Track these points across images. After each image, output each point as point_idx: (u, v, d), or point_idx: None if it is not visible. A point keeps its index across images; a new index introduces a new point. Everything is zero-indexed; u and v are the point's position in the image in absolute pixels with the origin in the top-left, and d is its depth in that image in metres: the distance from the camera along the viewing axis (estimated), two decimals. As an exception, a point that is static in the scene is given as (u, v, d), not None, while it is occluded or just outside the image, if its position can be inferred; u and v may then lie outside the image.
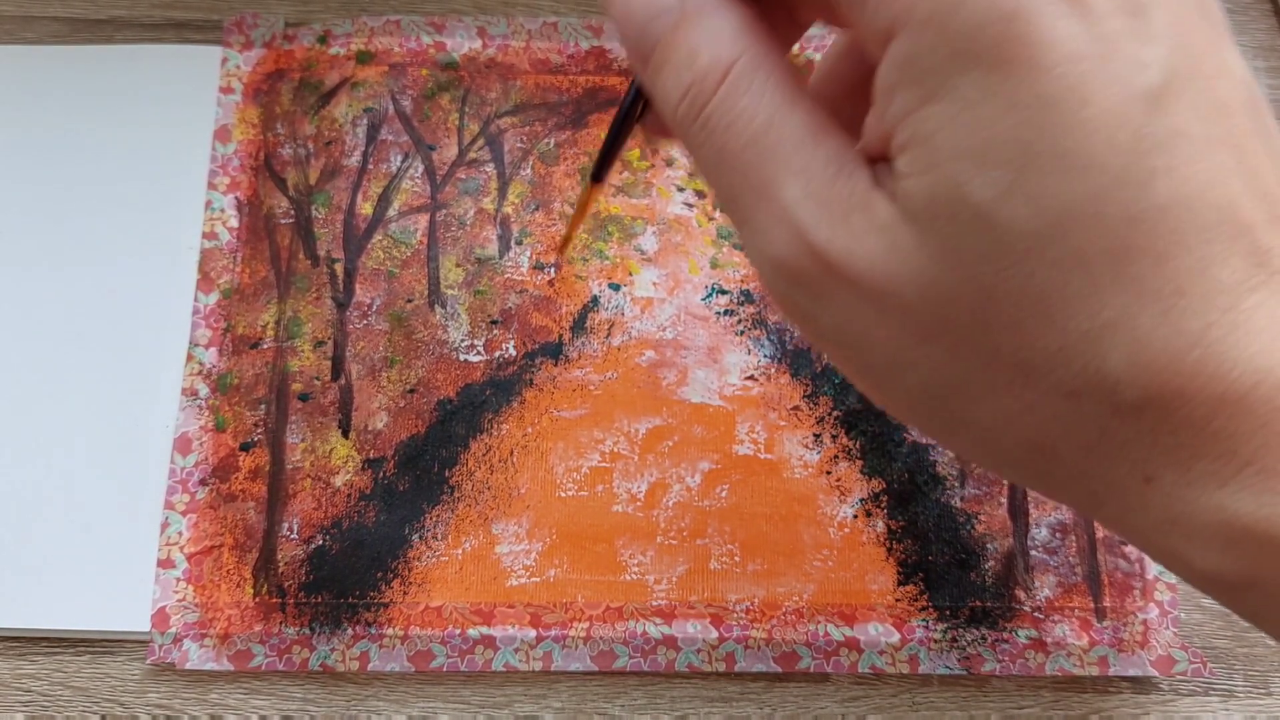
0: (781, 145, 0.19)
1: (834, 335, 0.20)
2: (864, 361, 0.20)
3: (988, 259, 0.18)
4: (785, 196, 0.19)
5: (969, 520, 0.36)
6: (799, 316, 0.21)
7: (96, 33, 0.43)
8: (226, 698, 0.35)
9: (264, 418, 0.37)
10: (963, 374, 0.19)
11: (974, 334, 0.18)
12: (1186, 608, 0.36)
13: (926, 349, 0.19)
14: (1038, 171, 0.17)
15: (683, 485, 0.37)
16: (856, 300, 0.19)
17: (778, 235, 0.19)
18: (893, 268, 0.18)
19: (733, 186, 0.20)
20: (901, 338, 0.19)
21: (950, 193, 0.17)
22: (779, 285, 0.20)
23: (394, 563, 0.36)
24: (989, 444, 0.20)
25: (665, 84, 0.21)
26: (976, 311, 0.18)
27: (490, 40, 0.42)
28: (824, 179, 0.19)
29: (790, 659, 0.35)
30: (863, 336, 0.20)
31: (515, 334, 0.39)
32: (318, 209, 0.40)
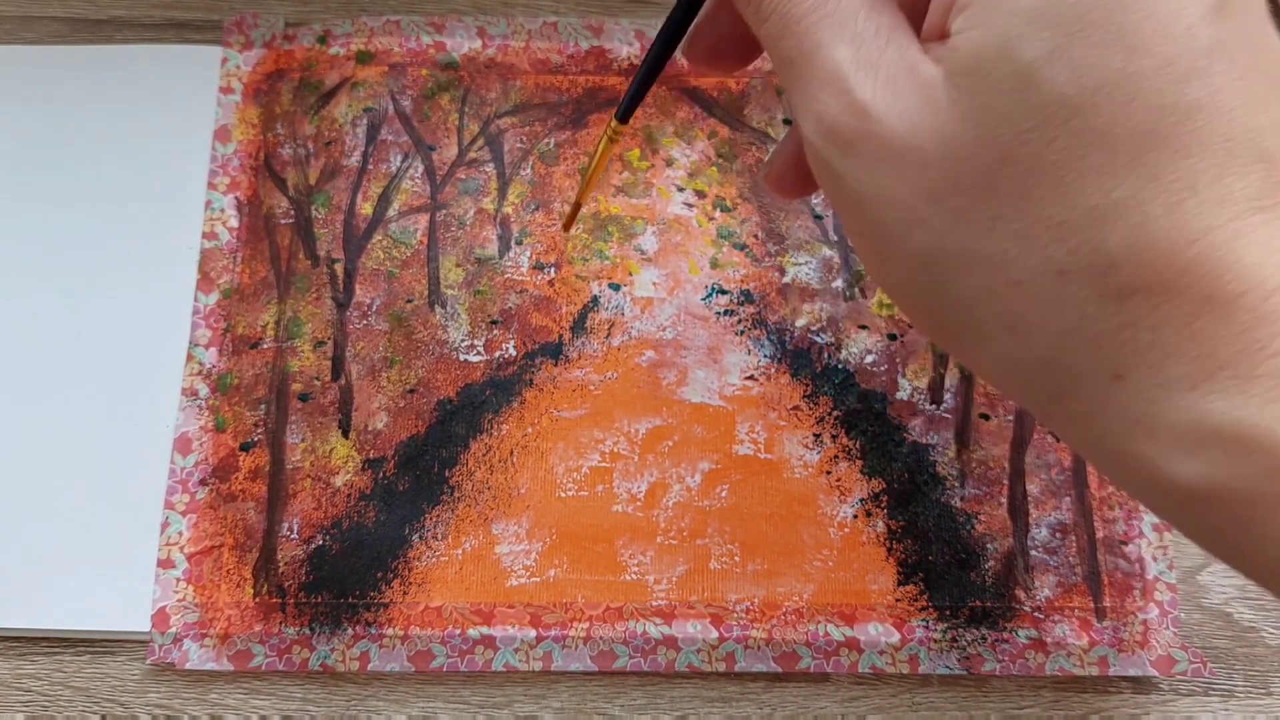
0: (839, 13, 0.21)
1: (855, 195, 0.21)
2: (875, 219, 0.21)
3: (1015, 119, 0.18)
4: (836, 56, 0.20)
5: (969, 520, 0.36)
6: (830, 178, 0.21)
7: (96, 33, 0.43)
8: (226, 698, 0.35)
9: (264, 418, 0.37)
10: (961, 239, 0.19)
11: (982, 196, 0.19)
12: (1186, 608, 0.36)
13: (934, 208, 0.19)
14: (1086, 41, 0.17)
15: (683, 485, 0.37)
16: (883, 156, 0.20)
17: (825, 93, 0.20)
18: (922, 123, 0.19)
19: (791, 50, 0.21)
20: (914, 194, 0.20)
21: (997, 48, 0.18)
22: (818, 142, 0.21)
23: (394, 563, 0.36)
24: (968, 319, 0.20)
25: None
26: (990, 173, 0.19)
27: (490, 40, 0.42)
28: (875, 45, 0.20)
29: (790, 659, 0.35)
30: (880, 194, 0.20)
31: (515, 334, 0.39)
32: (318, 209, 0.40)
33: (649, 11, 0.43)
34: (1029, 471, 0.37)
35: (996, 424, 0.37)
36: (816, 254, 0.40)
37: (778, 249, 0.40)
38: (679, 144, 0.41)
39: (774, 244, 0.40)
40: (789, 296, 0.39)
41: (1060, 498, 0.37)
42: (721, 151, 0.41)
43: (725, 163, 0.41)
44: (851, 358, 0.38)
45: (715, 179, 0.41)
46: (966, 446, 0.37)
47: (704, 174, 0.41)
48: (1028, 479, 0.37)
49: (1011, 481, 0.37)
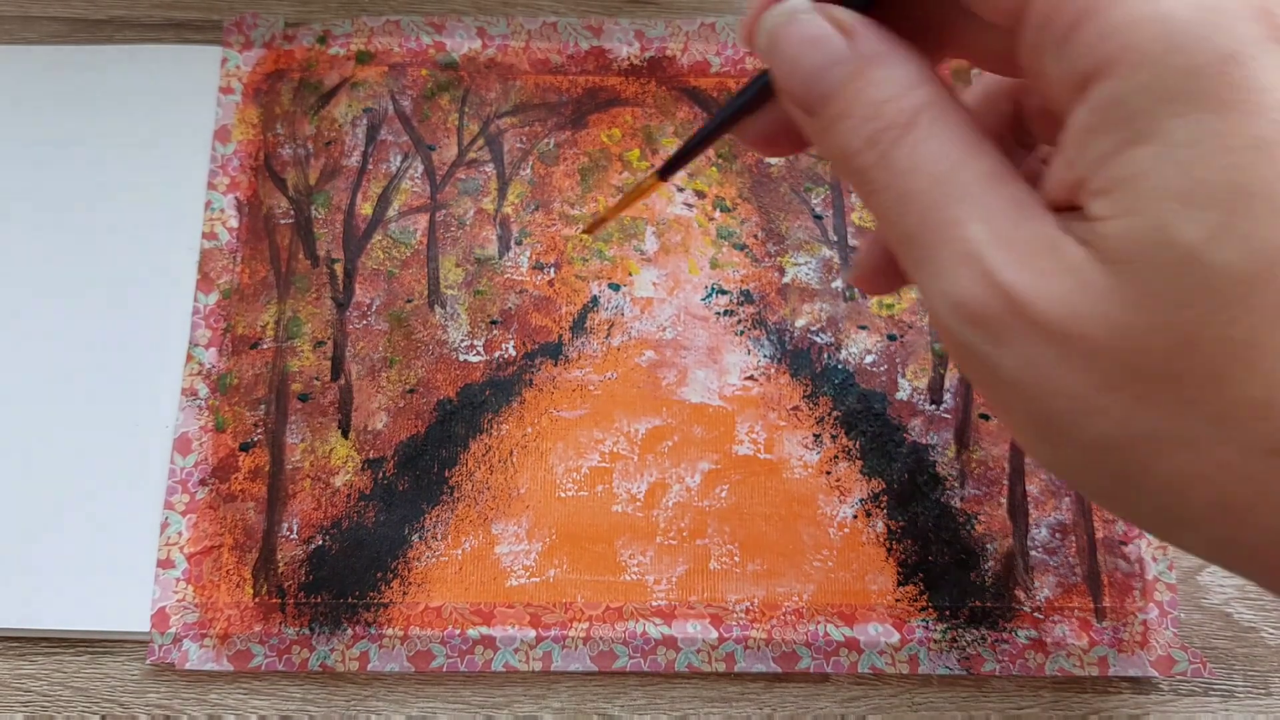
0: (967, 187, 0.19)
1: (1013, 382, 0.19)
2: (1042, 411, 0.19)
3: (1190, 303, 0.17)
4: (970, 235, 0.19)
5: (969, 520, 0.36)
6: (976, 364, 0.20)
7: (96, 33, 0.43)
8: (226, 698, 0.35)
9: (264, 418, 0.37)
10: (1152, 425, 0.18)
11: (1169, 382, 0.18)
12: (1186, 608, 0.36)
13: (1113, 396, 0.18)
14: (1250, 214, 0.16)
15: (682, 485, 0.37)
16: (1041, 343, 0.18)
17: (961, 275, 0.19)
18: (1083, 308, 0.18)
19: (912, 228, 0.20)
20: (1087, 384, 0.18)
21: (1155, 234, 0.17)
22: (958, 327, 0.20)
23: (394, 563, 0.36)
24: (1172, 505, 0.19)
25: (846, 131, 0.20)
26: (1173, 359, 0.17)
27: (490, 40, 0.42)
28: (1010, 221, 0.19)
29: (790, 659, 0.35)
30: (1044, 383, 0.19)
31: (515, 334, 0.39)
32: (317, 209, 0.40)
33: (648, 12, 0.43)
34: (1029, 472, 0.37)
35: (996, 424, 0.37)
36: (816, 254, 0.40)
37: (777, 249, 0.40)
38: (679, 144, 0.41)
39: (774, 244, 0.40)
40: (789, 297, 0.39)
41: (1060, 498, 0.37)
42: (721, 152, 0.41)
43: (725, 163, 0.41)
44: (851, 358, 0.38)
45: (715, 179, 0.41)
46: (966, 447, 0.37)
47: (704, 174, 0.41)
48: (1028, 479, 0.37)
49: (1011, 482, 0.37)
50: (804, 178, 0.40)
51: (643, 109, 0.41)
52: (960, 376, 0.38)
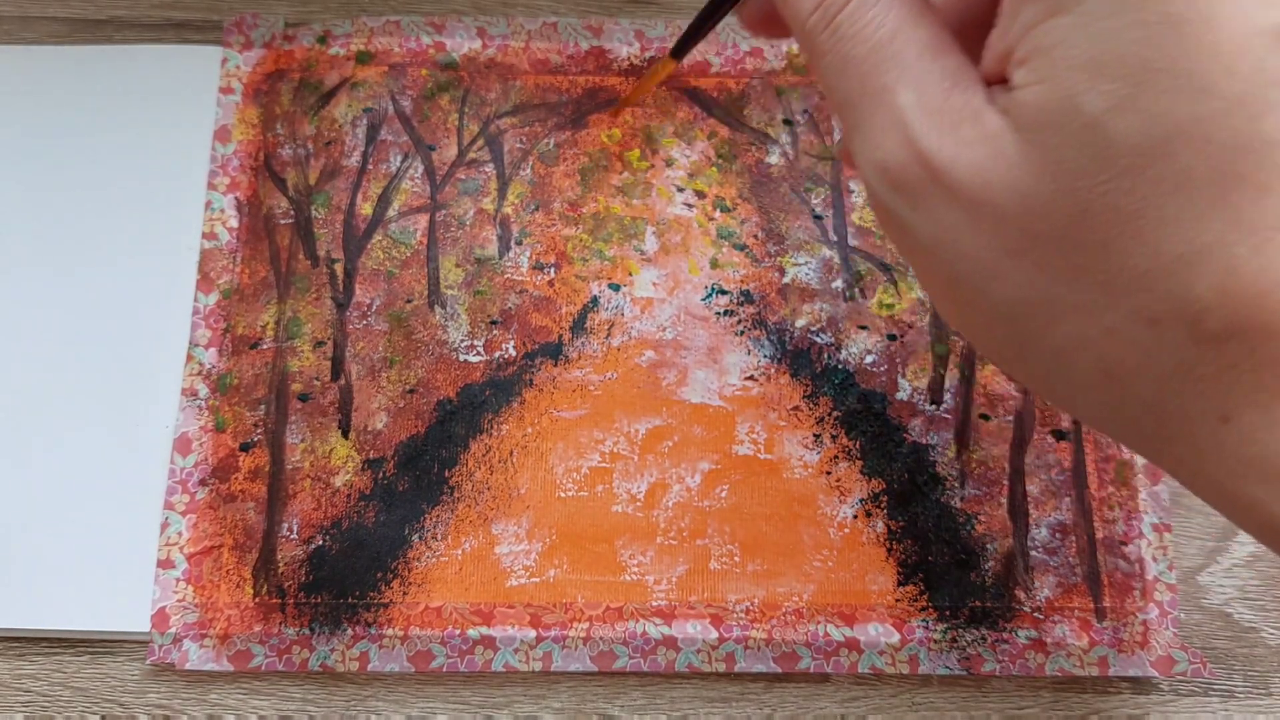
0: (903, 55, 0.20)
1: (927, 245, 0.20)
2: (951, 274, 0.20)
3: (1089, 172, 0.18)
4: (900, 103, 0.20)
5: (969, 520, 0.36)
6: (895, 226, 0.21)
7: (96, 33, 0.43)
8: (226, 698, 0.35)
9: (264, 418, 0.37)
10: (1045, 290, 0.19)
11: (1063, 249, 0.18)
12: (1186, 608, 0.36)
13: (1014, 261, 0.19)
14: (1154, 88, 0.17)
15: (682, 485, 0.37)
16: (954, 208, 0.19)
17: (888, 139, 0.20)
18: (994, 176, 0.19)
19: (850, 92, 0.21)
20: (992, 248, 0.19)
21: (1063, 102, 0.18)
22: (882, 190, 0.21)
23: (394, 563, 0.36)
24: (1061, 368, 0.20)
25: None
26: (1069, 226, 0.18)
27: (490, 40, 0.42)
28: (939, 90, 0.20)
29: (790, 659, 0.35)
30: (954, 245, 0.20)
31: (515, 334, 0.39)
32: (317, 209, 0.40)
33: (648, 12, 0.43)
34: (1029, 472, 0.37)
35: (996, 424, 0.37)
36: (816, 254, 0.40)
37: (777, 249, 0.40)
38: (679, 144, 0.41)
39: (774, 244, 0.40)
40: (789, 297, 0.39)
41: (1060, 498, 0.37)
42: (721, 152, 0.41)
43: (725, 163, 0.41)
44: (851, 358, 0.38)
45: (715, 179, 0.41)
46: (966, 447, 0.37)
47: (704, 174, 0.41)
48: (1028, 479, 0.37)
49: (1011, 482, 0.37)
50: (804, 178, 0.40)
51: (643, 109, 0.41)
52: (961, 377, 0.38)
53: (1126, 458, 0.37)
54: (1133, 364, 0.19)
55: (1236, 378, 0.18)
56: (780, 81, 0.42)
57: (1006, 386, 0.38)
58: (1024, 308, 0.20)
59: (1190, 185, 0.17)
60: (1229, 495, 0.19)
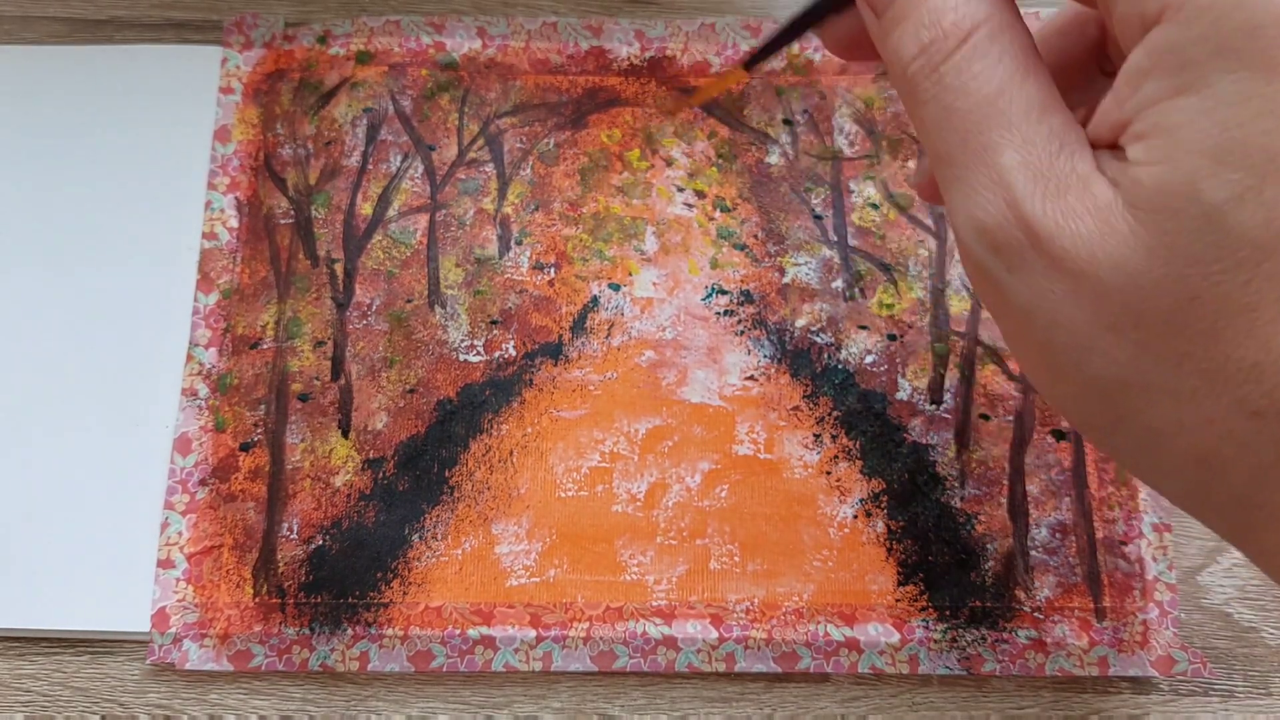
0: (1009, 112, 0.19)
1: (1022, 310, 0.20)
2: (1046, 342, 0.20)
3: (1204, 260, 0.17)
4: (1003, 162, 0.19)
5: (969, 520, 0.36)
6: (990, 286, 0.21)
7: (96, 33, 0.43)
8: (226, 698, 0.35)
9: (264, 418, 0.37)
10: (1145, 372, 0.19)
11: (1168, 333, 0.18)
12: (1186, 608, 0.36)
13: (1115, 338, 0.19)
14: (1278, 181, 0.17)
15: (682, 485, 0.37)
16: (1054, 277, 0.19)
17: (989, 199, 0.20)
18: (1101, 250, 0.18)
19: (951, 146, 0.20)
20: (1092, 322, 0.19)
21: (1184, 187, 0.17)
22: (978, 250, 0.20)
23: (394, 563, 0.36)
24: (1153, 450, 0.20)
25: (902, 36, 0.21)
26: (1177, 311, 0.18)
27: (490, 40, 0.42)
28: (1046, 152, 0.19)
29: (790, 659, 0.35)
30: (1052, 314, 0.19)
31: (515, 334, 0.39)
32: (317, 209, 0.40)
33: (648, 12, 0.43)
34: (1029, 471, 0.37)
35: (996, 424, 0.37)
36: (816, 254, 0.40)
37: (778, 249, 0.40)
38: (679, 144, 0.41)
39: (774, 244, 0.40)
40: (789, 297, 0.39)
41: (1060, 498, 0.37)
42: (721, 152, 0.41)
43: (725, 163, 0.41)
44: (851, 358, 0.38)
45: (715, 179, 0.41)
46: (966, 447, 0.37)
47: (704, 174, 0.41)
48: (1028, 479, 0.37)
49: (1011, 482, 0.37)
50: (804, 178, 0.40)
51: (643, 109, 0.41)
52: (961, 377, 0.38)
53: (1126, 458, 0.37)
54: (1229, 454, 0.19)
55: None
56: (780, 81, 0.42)
57: (1006, 386, 0.38)
58: (1120, 386, 0.19)
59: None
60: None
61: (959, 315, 0.39)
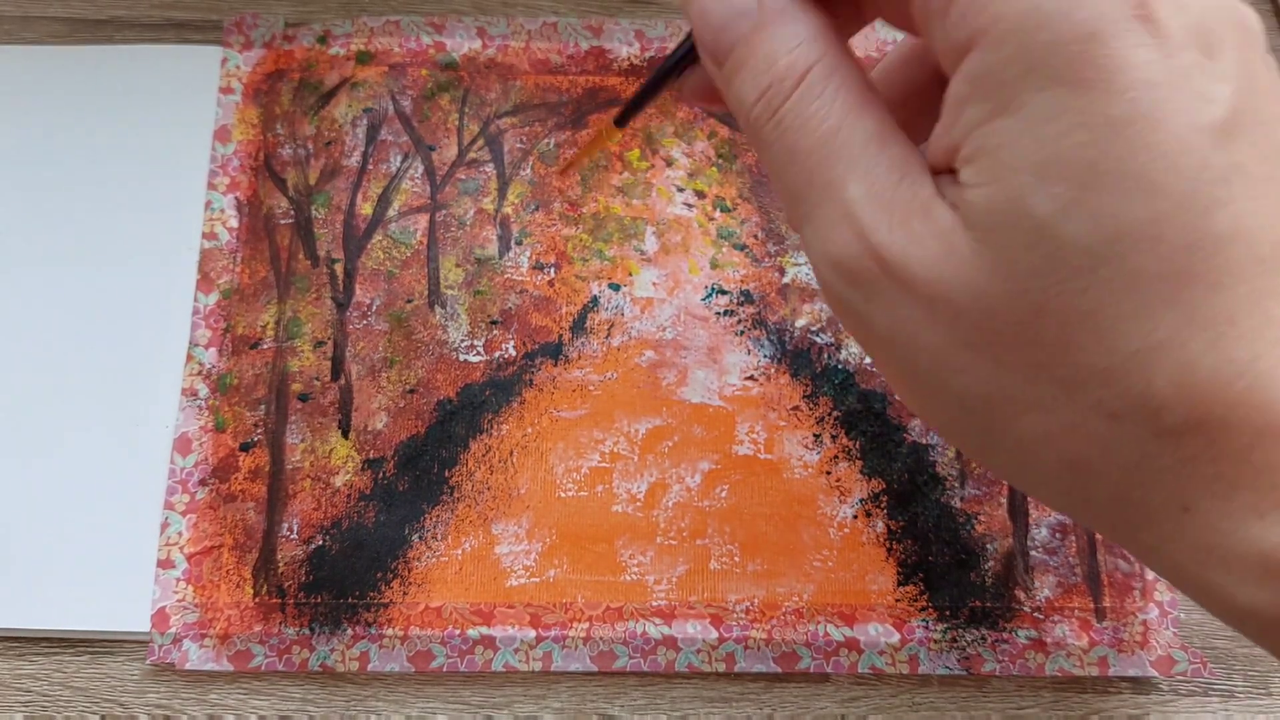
0: (849, 147, 0.20)
1: (884, 337, 0.20)
2: (910, 366, 0.20)
3: (1042, 273, 0.18)
4: (849, 196, 0.20)
5: (969, 520, 0.36)
6: (852, 318, 0.21)
7: (96, 33, 0.43)
8: (226, 698, 0.35)
9: (264, 418, 0.37)
10: (1006, 386, 0.19)
11: (1021, 346, 0.19)
12: (1186, 608, 0.36)
13: (972, 356, 0.19)
14: (1100, 190, 0.17)
15: (682, 485, 0.37)
16: (909, 302, 0.19)
17: (839, 233, 0.20)
18: (948, 273, 0.19)
19: (798, 185, 0.21)
20: (949, 343, 0.19)
21: (1012, 204, 0.18)
22: (836, 284, 0.21)
23: (394, 563, 0.36)
24: (1027, 461, 0.20)
25: (742, 84, 0.21)
26: (1025, 324, 0.18)
27: (490, 40, 0.42)
28: (888, 183, 0.20)
29: (790, 659, 0.35)
30: (912, 340, 0.20)
31: (515, 334, 0.39)
32: (317, 209, 0.40)
33: (648, 12, 0.43)
34: (1029, 472, 0.37)
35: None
36: (816, 254, 0.40)
37: (778, 249, 0.40)
38: (679, 144, 0.41)
39: (774, 244, 0.40)
40: (789, 297, 0.39)
41: (1060, 498, 0.37)
42: (721, 152, 0.41)
43: (725, 163, 0.41)
44: (851, 358, 0.38)
45: (715, 179, 0.41)
46: (966, 447, 0.37)
47: (704, 174, 0.41)
48: (1028, 479, 0.37)
49: (1011, 482, 0.37)
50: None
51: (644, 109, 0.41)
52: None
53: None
54: (1096, 458, 0.19)
55: (1195, 469, 0.18)
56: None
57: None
58: (985, 402, 0.20)
59: (1143, 284, 0.17)
60: (1192, 580, 0.19)
61: (959, 315, 0.39)
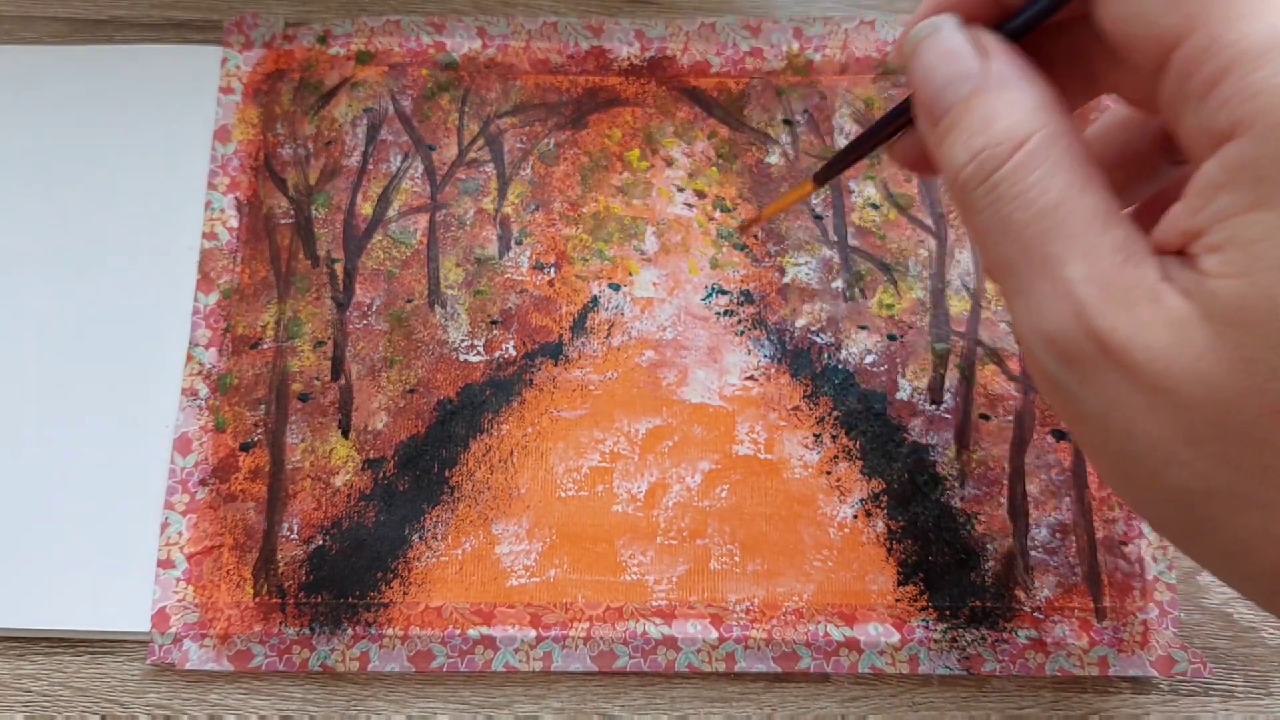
0: (1070, 223, 0.19)
1: (1096, 418, 0.20)
2: (1121, 450, 0.20)
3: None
4: (1069, 275, 0.19)
5: (969, 520, 0.36)
6: (1061, 396, 0.21)
7: (97, 33, 0.43)
8: (226, 698, 0.35)
9: (264, 418, 0.37)
10: (1229, 482, 0.19)
11: (1252, 446, 0.18)
12: (1186, 608, 0.36)
13: (1195, 450, 0.19)
14: None
15: (683, 485, 0.37)
16: (1130, 388, 0.19)
17: (1056, 311, 0.19)
18: (1178, 363, 0.18)
19: (1011, 256, 0.20)
20: (1171, 434, 0.19)
21: (1263, 300, 0.17)
22: (1048, 361, 0.20)
23: (394, 563, 0.36)
24: (1239, 558, 0.20)
25: (954, 143, 0.21)
26: (1260, 423, 0.18)
27: (490, 40, 0.42)
28: (1111, 263, 0.19)
29: (790, 659, 0.35)
30: (1128, 426, 0.19)
31: (515, 334, 0.39)
32: (317, 209, 0.40)
33: (649, 12, 0.43)
34: (1029, 472, 0.37)
35: (996, 424, 0.37)
36: (816, 254, 0.40)
37: (777, 249, 0.40)
38: (679, 144, 0.41)
39: (774, 244, 0.40)
40: (789, 297, 0.39)
41: (1060, 498, 0.37)
42: (722, 152, 0.41)
43: (725, 163, 0.41)
44: (851, 358, 0.38)
45: (715, 179, 0.41)
46: (966, 447, 0.37)
47: (704, 174, 0.41)
48: (1028, 479, 0.37)
49: (1011, 482, 0.37)
50: (804, 178, 0.40)
51: (643, 109, 0.41)
52: (961, 376, 0.38)
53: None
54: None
55: None
56: (780, 81, 0.42)
57: (1006, 386, 0.38)
58: (1203, 496, 0.19)
59: None
60: None
61: (959, 315, 0.39)
